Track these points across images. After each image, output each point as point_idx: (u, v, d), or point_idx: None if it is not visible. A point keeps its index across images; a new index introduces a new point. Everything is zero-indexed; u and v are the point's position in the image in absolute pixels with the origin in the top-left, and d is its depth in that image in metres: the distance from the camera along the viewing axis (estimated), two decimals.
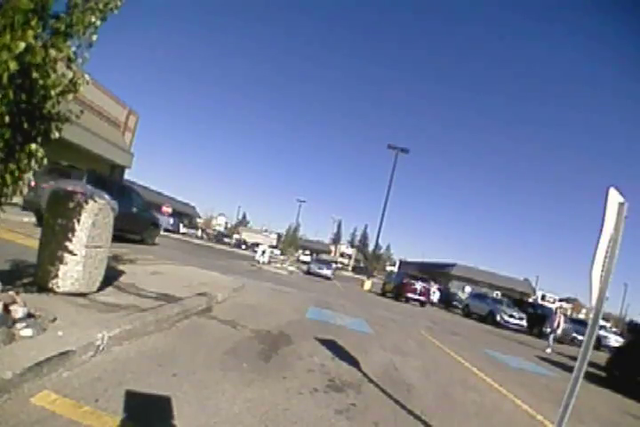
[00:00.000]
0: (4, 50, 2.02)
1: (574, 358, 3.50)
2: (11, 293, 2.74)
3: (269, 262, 23.06)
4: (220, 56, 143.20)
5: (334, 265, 32.61)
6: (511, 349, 10.38)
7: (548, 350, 11.84)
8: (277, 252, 47.31)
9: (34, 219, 9.73)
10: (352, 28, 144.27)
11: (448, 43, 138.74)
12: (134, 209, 11.36)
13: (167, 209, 29.88)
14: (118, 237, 8.03)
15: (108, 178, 13.69)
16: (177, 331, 3.87)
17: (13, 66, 2.05)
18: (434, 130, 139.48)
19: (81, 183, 7.69)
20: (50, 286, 3.50)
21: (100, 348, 2.70)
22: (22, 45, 2.07)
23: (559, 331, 12.67)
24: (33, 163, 2.58)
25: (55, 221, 3.48)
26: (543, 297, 54.14)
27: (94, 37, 2.62)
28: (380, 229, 27.95)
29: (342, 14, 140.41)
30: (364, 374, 3.99)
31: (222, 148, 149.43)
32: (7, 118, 2.22)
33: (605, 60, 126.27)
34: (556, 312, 12.97)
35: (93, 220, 3.60)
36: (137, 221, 11.52)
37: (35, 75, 2.33)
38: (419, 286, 19.60)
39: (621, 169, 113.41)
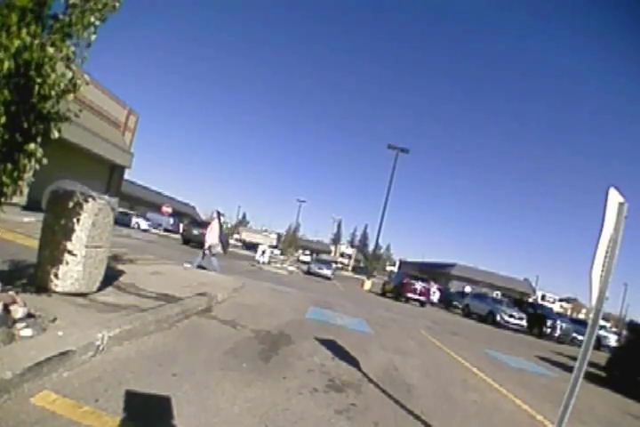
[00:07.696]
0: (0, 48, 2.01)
1: (574, 358, 3.50)
2: (11, 293, 2.74)
3: (269, 262, 23.04)
4: (219, 56, 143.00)
5: (334, 265, 32.58)
6: (511, 349, 10.36)
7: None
8: (277, 252, 47.24)
9: (34, 218, 9.98)
10: (352, 27, 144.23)
11: (448, 42, 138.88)
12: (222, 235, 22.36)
13: (167, 209, 29.71)
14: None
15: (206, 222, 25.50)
16: (177, 331, 3.87)
17: (8, 65, 2.05)
18: (434, 129, 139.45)
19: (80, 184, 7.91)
20: (50, 286, 3.50)
21: (100, 348, 2.70)
22: (17, 43, 2.06)
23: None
24: (32, 162, 2.57)
25: (55, 221, 3.48)
26: (543, 297, 54.19)
27: (93, 37, 2.62)
28: (379, 229, 27.98)
29: (342, 13, 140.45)
30: (364, 374, 3.98)
31: (222, 148, 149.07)
32: (4, 119, 2.21)
33: (606, 59, 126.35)
34: None
35: (93, 220, 3.60)
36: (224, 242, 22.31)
37: (33, 74, 2.32)
38: (419, 286, 19.61)
39: (621, 169, 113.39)
